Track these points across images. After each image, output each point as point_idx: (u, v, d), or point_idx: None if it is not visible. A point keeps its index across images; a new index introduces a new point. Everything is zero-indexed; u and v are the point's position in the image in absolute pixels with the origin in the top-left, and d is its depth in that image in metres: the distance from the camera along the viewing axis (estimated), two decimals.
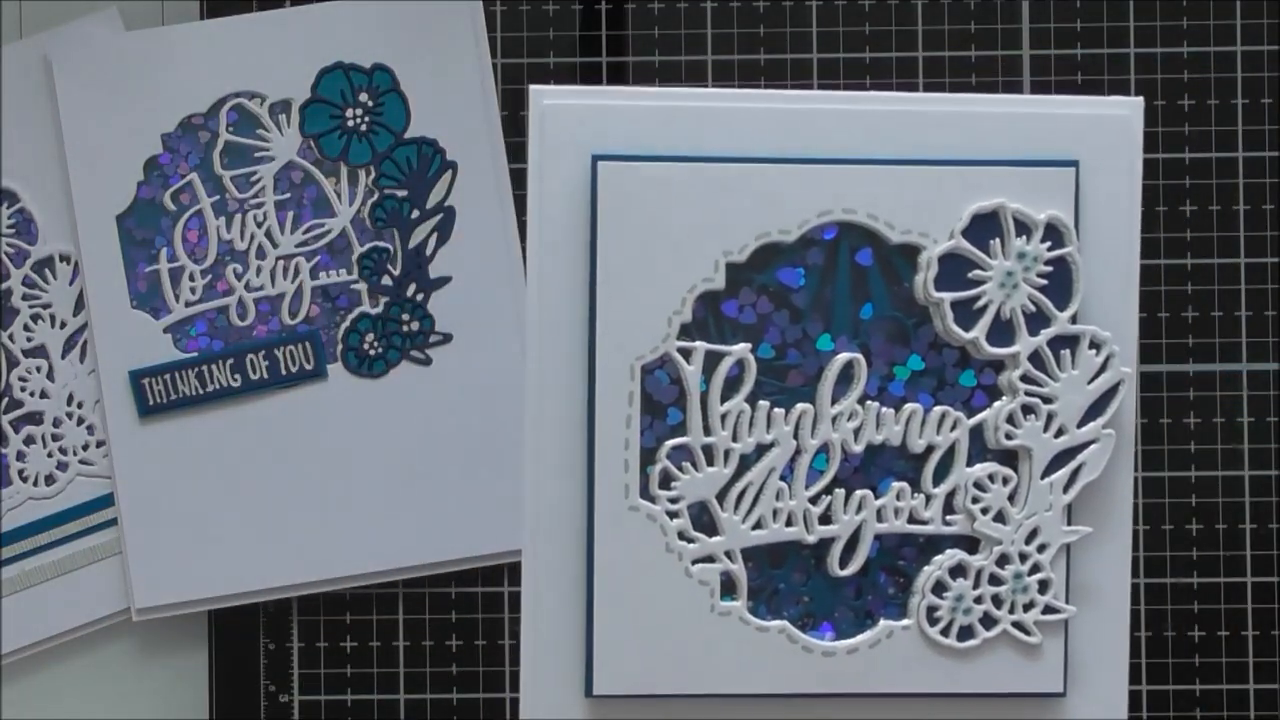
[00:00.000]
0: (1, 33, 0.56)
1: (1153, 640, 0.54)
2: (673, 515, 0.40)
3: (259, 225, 0.55)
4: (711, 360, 0.40)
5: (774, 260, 0.40)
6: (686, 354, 0.40)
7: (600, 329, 0.40)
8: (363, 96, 0.55)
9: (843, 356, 0.40)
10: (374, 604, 0.55)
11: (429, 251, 0.55)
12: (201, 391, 0.54)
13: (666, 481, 0.40)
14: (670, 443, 0.40)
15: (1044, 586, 0.41)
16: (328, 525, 0.54)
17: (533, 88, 0.40)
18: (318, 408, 0.55)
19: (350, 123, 0.55)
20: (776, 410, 0.40)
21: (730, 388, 0.40)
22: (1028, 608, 0.41)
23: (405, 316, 0.55)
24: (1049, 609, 0.41)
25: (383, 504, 0.54)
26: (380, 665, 0.55)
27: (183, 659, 0.56)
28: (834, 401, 0.40)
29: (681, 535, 0.40)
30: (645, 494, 0.40)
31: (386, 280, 0.55)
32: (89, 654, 0.56)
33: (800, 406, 0.40)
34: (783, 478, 0.41)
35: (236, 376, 0.54)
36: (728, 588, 0.41)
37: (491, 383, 0.54)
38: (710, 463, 0.40)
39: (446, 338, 0.55)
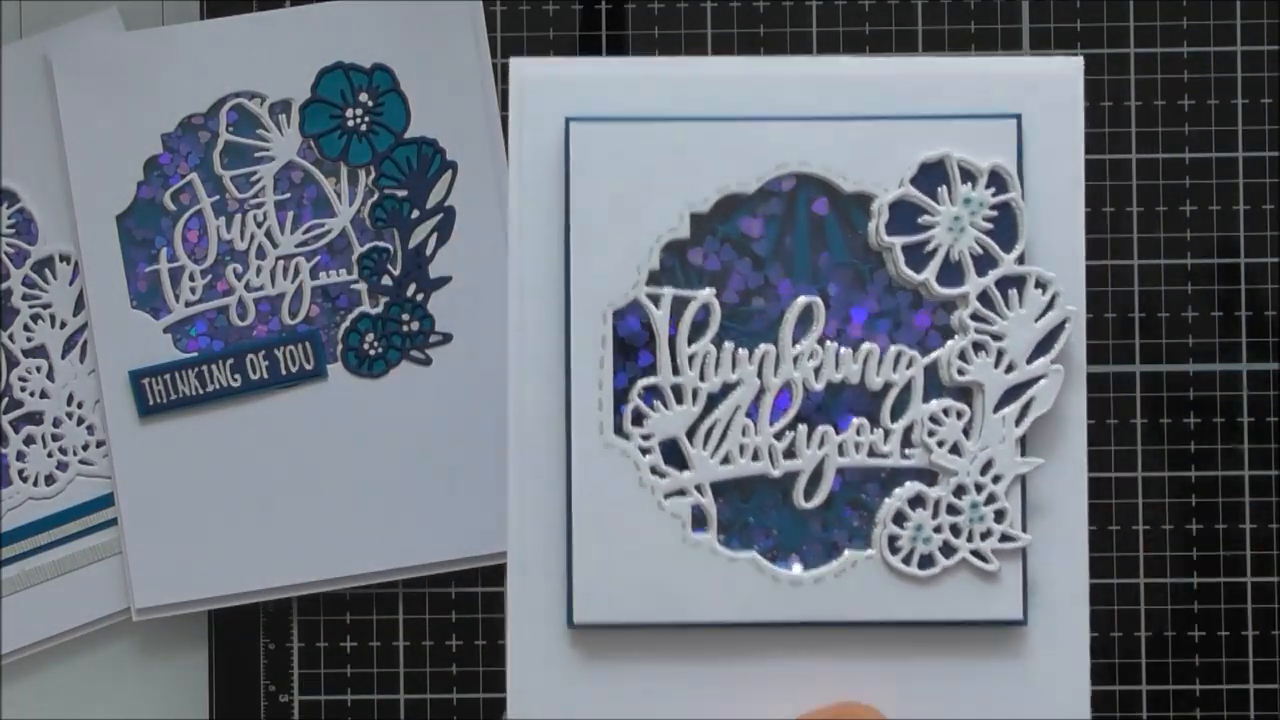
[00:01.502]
0: (1, 33, 0.56)
1: (1153, 640, 0.54)
2: (645, 451, 0.43)
3: (259, 225, 0.55)
4: (679, 305, 0.43)
5: (736, 211, 0.43)
6: (655, 299, 0.43)
7: (574, 278, 0.42)
8: (363, 96, 0.55)
9: (802, 299, 0.43)
10: (374, 604, 0.55)
11: (429, 251, 0.55)
12: (201, 391, 0.54)
13: (638, 419, 0.43)
14: (641, 382, 0.43)
15: (1000, 516, 0.43)
16: (328, 525, 0.54)
17: (513, 60, 0.43)
18: (318, 408, 0.55)
19: (350, 123, 0.55)
20: (741, 351, 0.43)
21: (697, 331, 0.43)
22: (985, 536, 0.43)
23: (405, 316, 0.55)
24: (1005, 537, 0.43)
25: (383, 504, 0.54)
26: (380, 665, 0.55)
27: (183, 659, 0.56)
28: (795, 343, 0.43)
29: (654, 470, 0.43)
30: (619, 432, 0.43)
31: (386, 280, 0.55)
32: (89, 654, 0.56)
33: (763, 347, 0.43)
34: (748, 415, 0.43)
35: (236, 376, 0.54)
36: (699, 521, 0.43)
37: (491, 383, 0.54)
38: (679, 401, 0.43)
39: (446, 338, 0.55)
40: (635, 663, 0.43)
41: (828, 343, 0.43)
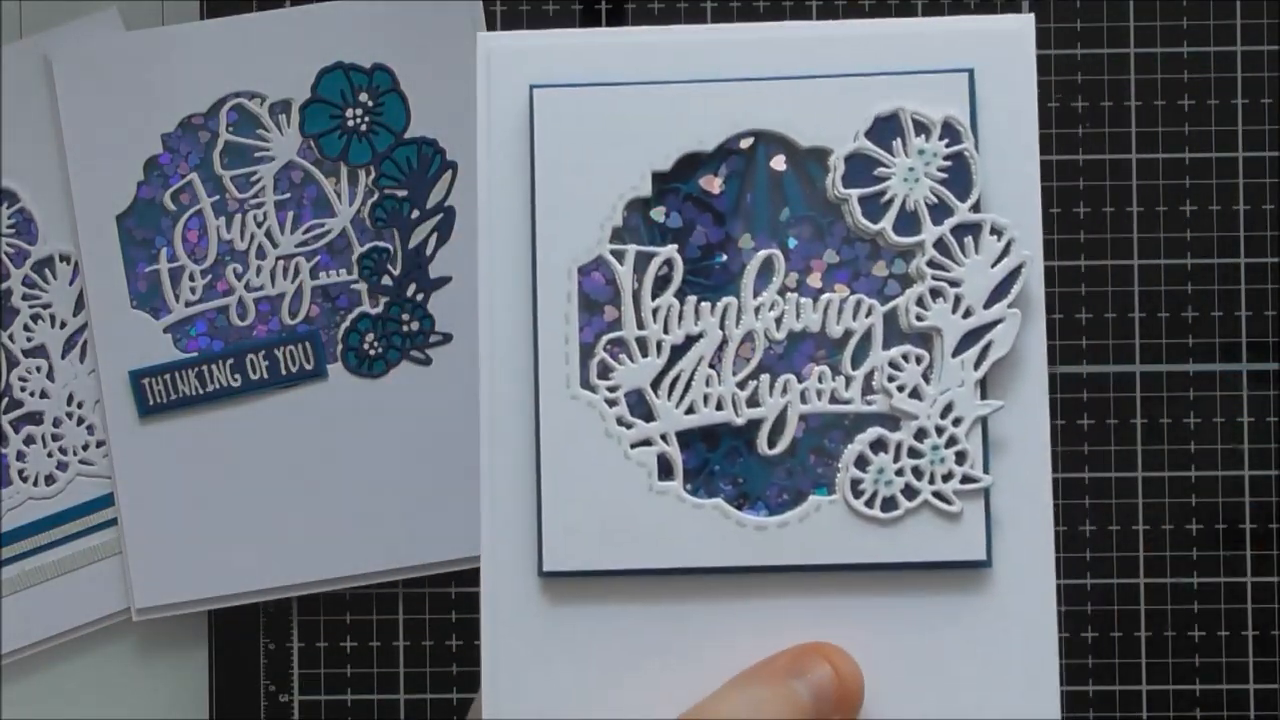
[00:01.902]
0: (1, 33, 0.56)
1: (1153, 640, 0.54)
2: (611, 403, 0.44)
3: (259, 225, 0.55)
4: (642, 261, 0.44)
5: (696, 169, 0.44)
6: (619, 256, 0.44)
7: (539, 237, 0.44)
8: (363, 96, 0.55)
9: (762, 252, 0.44)
10: (374, 604, 0.55)
11: (429, 251, 0.55)
12: (201, 391, 0.54)
13: (604, 372, 0.44)
14: (606, 336, 0.43)
15: (961, 457, 0.43)
16: (328, 525, 0.54)
17: (479, 35, 0.44)
18: (318, 408, 0.55)
19: (350, 123, 0.55)
20: (703, 304, 0.44)
21: (660, 286, 0.44)
22: (947, 478, 0.43)
23: (405, 316, 0.55)
24: (967, 478, 0.43)
25: (382, 504, 0.54)
26: (380, 665, 0.55)
27: (183, 659, 0.56)
28: (756, 295, 0.44)
29: (620, 421, 0.43)
30: (585, 384, 0.44)
31: (386, 280, 0.55)
32: (89, 654, 0.56)
33: (725, 300, 0.44)
34: (711, 366, 0.44)
35: (236, 376, 0.54)
36: (665, 470, 0.44)
37: None
38: (644, 354, 0.44)
39: (446, 338, 0.55)
40: (605, 609, 0.44)
41: (788, 294, 0.44)
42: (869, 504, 0.43)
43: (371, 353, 0.55)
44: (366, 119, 0.55)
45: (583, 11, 0.55)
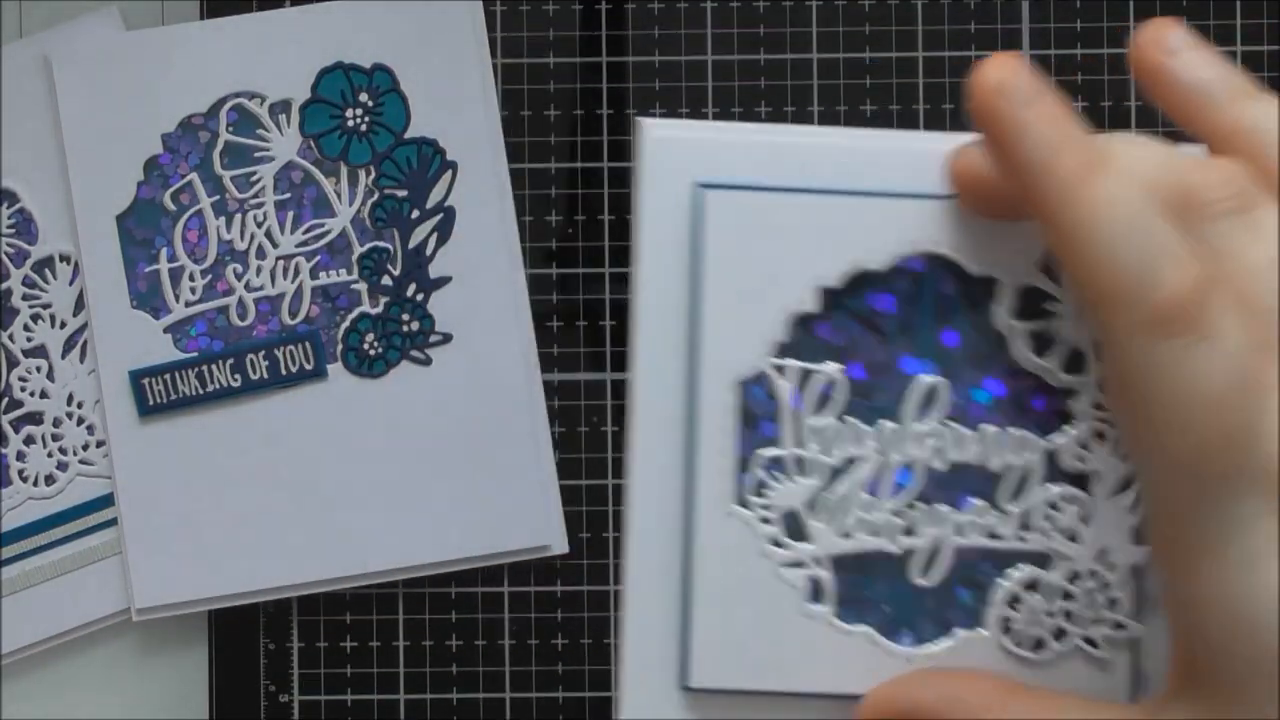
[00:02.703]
0: (1, 33, 0.56)
1: None
2: (765, 521, 0.43)
3: (259, 225, 0.55)
4: (804, 377, 0.43)
5: (865, 287, 0.43)
6: (781, 370, 0.43)
7: (703, 346, 0.43)
8: (363, 96, 0.55)
9: (926, 379, 0.43)
10: (374, 604, 0.55)
11: (429, 251, 0.55)
12: (201, 391, 0.54)
13: (760, 490, 0.43)
14: (764, 453, 0.43)
15: (1112, 604, 0.43)
16: (328, 525, 0.54)
17: (640, 120, 0.43)
18: (318, 408, 0.55)
19: (350, 123, 0.55)
20: (864, 427, 0.43)
21: (821, 404, 0.43)
22: (1096, 623, 0.43)
23: (405, 316, 0.55)
24: (1117, 625, 0.43)
25: (383, 504, 0.54)
26: (380, 665, 0.55)
27: (183, 659, 0.56)
28: (917, 421, 0.43)
29: (773, 541, 0.43)
30: (740, 501, 0.43)
31: (386, 280, 0.55)
32: (89, 654, 0.56)
33: (886, 424, 0.43)
34: (869, 491, 0.43)
35: (236, 376, 0.55)
36: (816, 593, 0.43)
37: (491, 383, 0.54)
38: (801, 473, 0.43)
39: (446, 338, 0.55)
40: None
41: (950, 422, 0.43)
42: (1018, 643, 0.42)
43: (371, 353, 0.55)
44: (366, 119, 0.55)
45: (583, 11, 0.55)
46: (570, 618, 0.55)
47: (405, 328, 0.55)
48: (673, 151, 0.43)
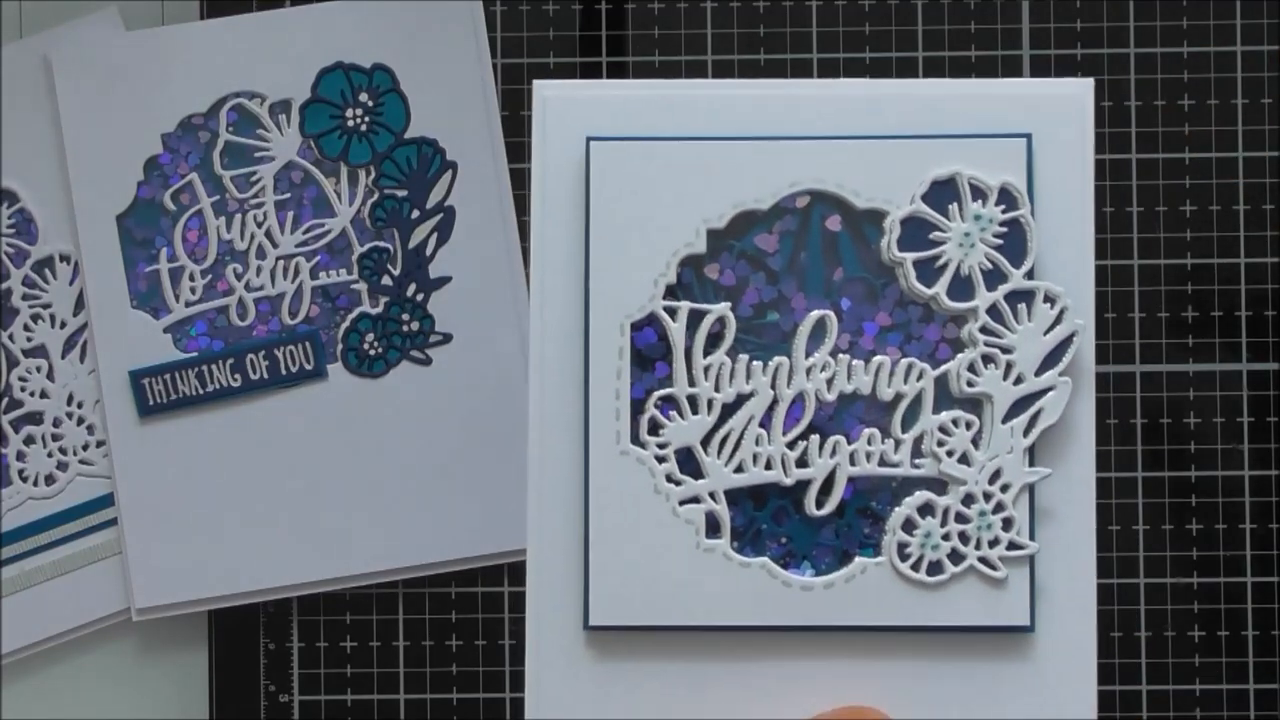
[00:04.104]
0: (1, 33, 0.56)
1: (1153, 640, 0.54)
2: (660, 460, 0.44)
3: (259, 225, 0.55)
4: (695, 318, 0.44)
5: (751, 227, 0.44)
6: (672, 312, 0.44)
7: (593, 292, 0.43)
8: (363, 96, 0.55)
9: (815, 313, 0.44)
10: (374, 604, 0.55)
11: (429, 251, 0.55)
12: (201, 391, 0.54)
13: (655, 429, 0.44)
14: (658, 393, 0.44)
15: (1008, 524, 0.43)
16: (328, 525, 0.54)
17: (535, 82, 0.44)
18: (318, 408, 0.55)
19: (350, 123, 0.55)
20: (755, 363, 0.44)
21: (712, 343, 0.44)
22: (993, 544, 0.43)
23: (405, 316, 0.55)
24: (1013, 545, 0.43)
25: (383, 504, 0.54)
26: (380, 665, 0.55)
27: (183, 659, 0.56)
28: (808, 355, 0.44)
29: (669, 478, 0.44)
30: (635, 440, 0.44)
31: (386, 280, 0.55)
32: (89, 654, 0.56)
33: (777, 359, 0.44)
34: (761, 425, 0.44)
35: (236, 376, 0.54)
36: (713, 528, 0.44)
37: (491, 383, 0.54)
38: (695, 411, 0.44)
39: (446, 338, 0.55)
40: (649, 665, 0.44)
41: (840, 355, 0.44)
42: (915, 567, 0.43)
43: (371, 353, 0.55)
44: (366, 119, 0.55)
45: (583, 11, 0.55)
46: None
47: (405, 328, 0.55)
48: (564, 109, 0.44)
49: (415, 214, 0.55)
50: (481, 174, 0.55)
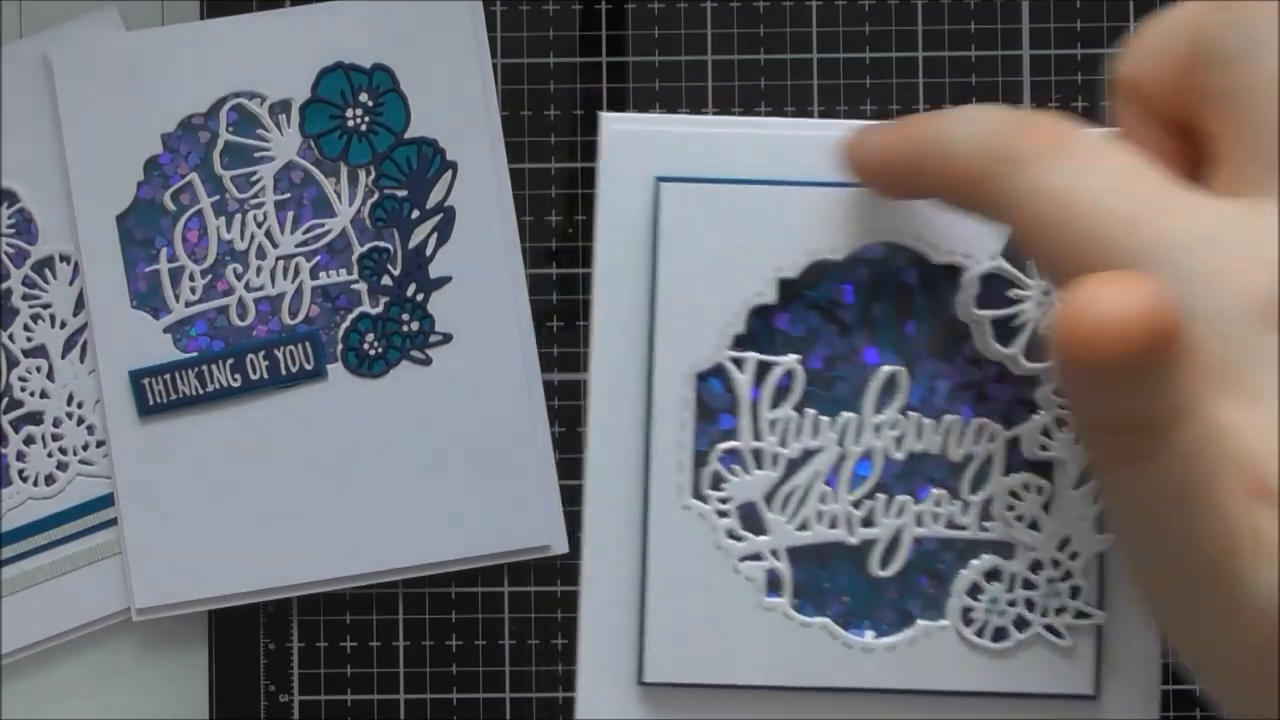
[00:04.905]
0: (1, 33, 0.56)
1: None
2: (722, 514, 0.43)
3: (259, 225, 0.55)
4: (762, 370, 0.43)
5: (824, 277, 0.43)
6: (739, 363, 0.42)
7: (659, 339, 0.42)
8: (363, 96, 0.55)
9: (886, 369, 0.43)
10: (374, 604, 0.55)
11: (429, 251, 0.55)
12: (201, 391, 0.54)
13: (717, 483, 0.43)
14: (722, 446, 0.42)
15: (1075, 592, 0.43)
16: (328, 525, 0.54)
17: (602, 115, 0.43)
18: (318, 408, 0.55)
19: (350, 123, 0.55)
20: (823, 418, 0.42)
21: (780, 396, 0.43)
22: (1059, 612, 0.42)
23: (405, 316, 0.55)
24: (1080, 613, 0.42)
25: (382, 504, 0.54)
26: (380, 665, 0.55)
27: (183, 659, 0.56)
28: (878, 411, 0.43)
29: (730, 534, 0.42)
30: (697, 494, 0.43)
31: (386, 280, 0.55)
32: (89, 654, 0.56)
33: (845, 415, 0.43)
34: (827, 482, 0.43)
35: (236, 376, 0.54)
36: (774, 585, 0.43)
37: (491, 383, 0.54)
38: (759, 466, 0.43)
39: (446, 338, 0.55)
40: None
41: (910, 413, 0.43)
42: (980, 633, 0.42)
43: (371, 353, 0.55)
44: (366, 119, 0.55)
45: (583, 11, 0.55)
46: (570, 618, 0.55)
47: (405, 328, 0.55)
48: (632, 145, 0.43)
49: (415, 214, 0.55)
50: (481, 174, 0.55)
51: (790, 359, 0.42)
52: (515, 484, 0.54)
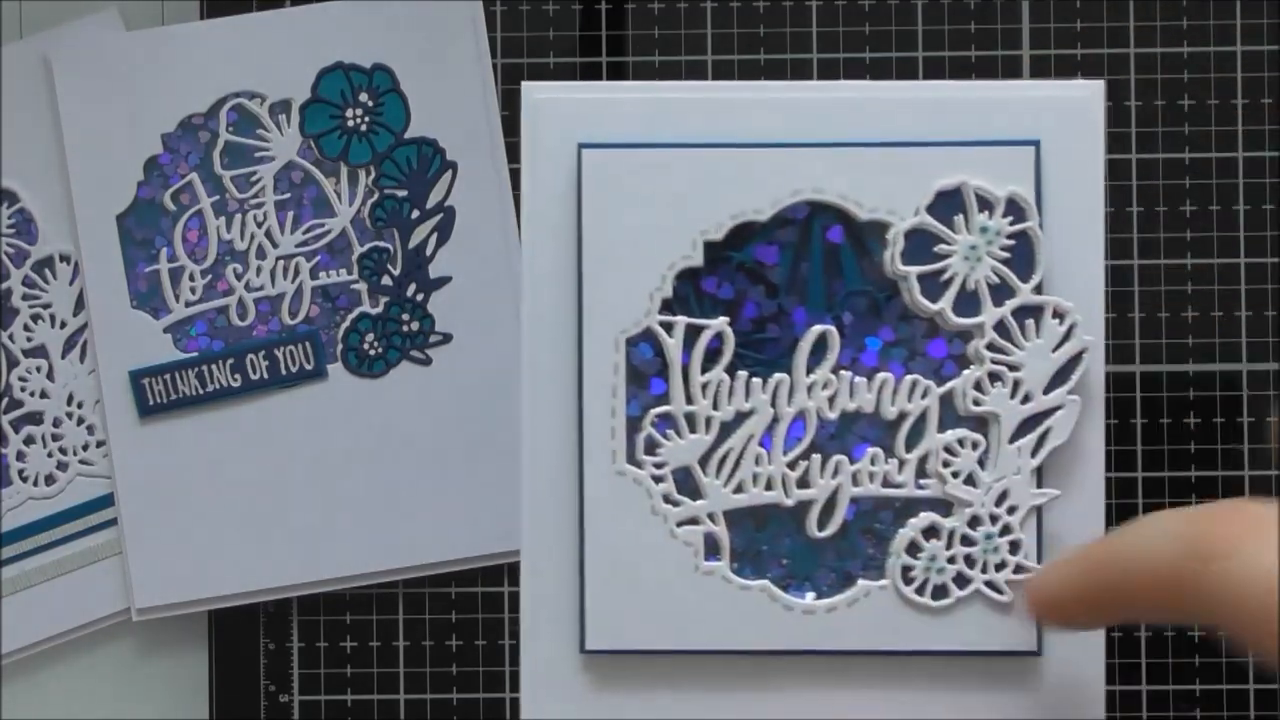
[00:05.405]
0: (1, 33, 0.56)
1: (1152, 640, 0.54)
2: (658, 480, 0.42)
3: (259, 225, 0.55)
4: (692, 333, 0.42)
5: (750, 239, 0.43)
6: (668, 327, 0.42)
7: (586, 306, 0.42)
8: (363, 96, 0.55)
9: (816, 328, 0.42)
10: (374, 604, 0.55)
11: (429, 251, 0.55)
12: (201, 391, 0.54)
13: (651, 448, 0.42)
14: (654, 411, 0.42)
15: (1015, 547, 0.42)
16: (328, 525, 0.54)
17: (524, 84, 0.43)
18: (318, 408, 0.55)
19: (350, 123, 0.55)
20: (755, 380, 0.42)
21: (710, 359, 0.42)
22: (999, 567, 0.42)
23: (405, 316, 0.55)
24: (1020, 568, 0.42)
25: (383, 504, 0.54)
26: (380, 665, 0.55)
27: (183, 659, 0.56)
28: (809, 371, 0.42)
29: (666, 499, 0.42)
30: (631, 460, 0.42)
31: (386, 280, 0.55)
32: (89, 654, 0.56)
33: (777, 376, 0.42)
34: (762, 444, 0.42)
35: (236, 376, 0.54)
36: (712, 549, 0.42)
37: (491, 383, 0.54)
38: (692, 430, 0.42)
39: (446, 338, 0.55)
40: (647, 689, 0.43)
41: (842, 371, 0.42)
42: (919, 591, 0.42)
43: (371, 353, 0.55)
44: (366, 119, 0.55)
45: (583, 11, 0.55)
46: None
47: (405, 328, 0.55)
48: (554, 113, 0.43)
49: (415, 214, 0.55)
50: (481, 174, 0.55)
51: (719, 321, 0.42)
52: (515, 485, 0.54)
